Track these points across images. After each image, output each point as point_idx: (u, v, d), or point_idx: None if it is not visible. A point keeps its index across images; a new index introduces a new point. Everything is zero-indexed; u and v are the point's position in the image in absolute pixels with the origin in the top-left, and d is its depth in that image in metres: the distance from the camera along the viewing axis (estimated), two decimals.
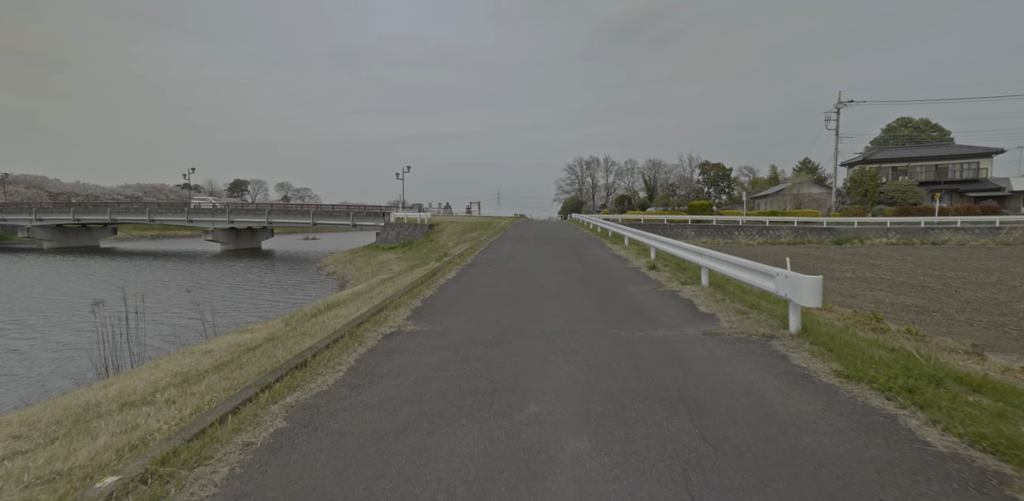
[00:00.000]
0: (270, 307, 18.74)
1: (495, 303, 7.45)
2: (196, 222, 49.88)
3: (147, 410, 3.66)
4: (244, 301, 20.38)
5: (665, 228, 39.60)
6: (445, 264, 11.92)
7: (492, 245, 17.96)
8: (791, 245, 36.38)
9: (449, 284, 9.40)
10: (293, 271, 32.78)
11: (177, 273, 30.74)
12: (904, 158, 54.09)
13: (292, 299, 20.74)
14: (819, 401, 3.52)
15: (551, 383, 4.00)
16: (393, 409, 3.53)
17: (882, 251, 29.72)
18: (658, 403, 3.54)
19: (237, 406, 3.41)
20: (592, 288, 8.67)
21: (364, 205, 52.88)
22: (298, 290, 23.68)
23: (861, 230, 36.76)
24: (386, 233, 35.75)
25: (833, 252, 29.53)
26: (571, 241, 19.50)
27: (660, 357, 4.65)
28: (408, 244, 30.50)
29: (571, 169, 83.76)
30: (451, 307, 7.23)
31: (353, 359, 4.74)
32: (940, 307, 11.51)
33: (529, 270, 11.16)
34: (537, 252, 15.19)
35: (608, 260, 12.97)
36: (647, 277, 9.91)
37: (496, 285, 9.13)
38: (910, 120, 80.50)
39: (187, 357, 6.06)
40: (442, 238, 27.61)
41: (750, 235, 38.70)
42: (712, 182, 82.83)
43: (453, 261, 12.62)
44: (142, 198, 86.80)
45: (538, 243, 18.64)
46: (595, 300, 7.56)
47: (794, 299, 5.06)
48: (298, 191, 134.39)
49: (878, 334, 8.19)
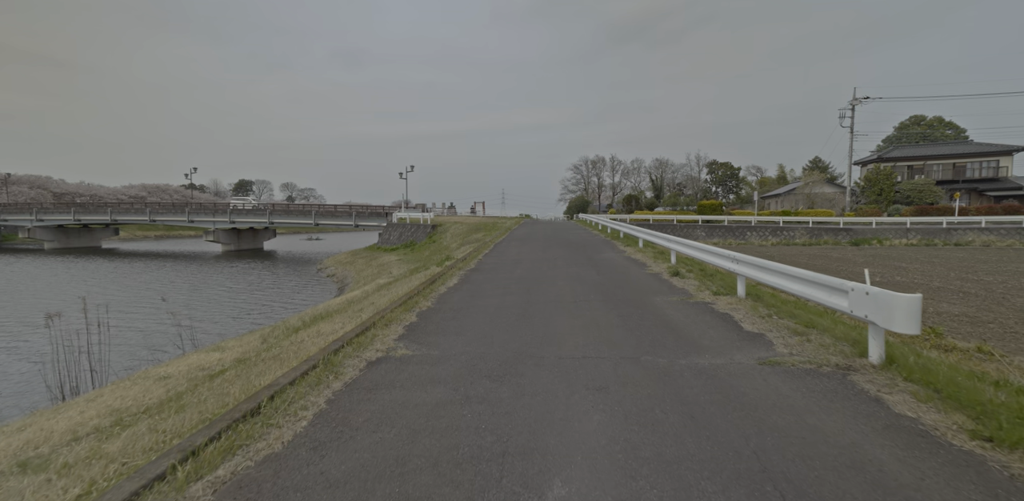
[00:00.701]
0: (261, 313, 17.82)
1: (502, 318, 6.44)
2: (197, 222, 49.12)
3: (25, 485, 2.67)
4: (238, 305, 19.47)
5: (675, 228, 38.48)
6: (447, 269, 10.93)
7: (497, 247, 16.95)
8: (806, 246, 35.16)
9: (450, 293, 8.40)
10: (293, 273, 31.90)
11: (174, 274, 29.92)
12: (920, 156, 52.64)
13: (288, 304, 19.81)
14: (968, 483, 2.48)
15: (579, 442, 2.99)
16: (364, 488, 2.53)
17: (904, 253, 28.48)
18: (735, 482, 2.51)
19: (141, 488, 2.41)
20: (612, 299, 7.65)
21: (367, 205, 52.02)
22: (296, 293, 22.76)
23: (879, 231, 35.48)
24: (388, 234, 34.76)
25: (852, 254, 28.33)
26: (581, 243, 18.47)
27: (715, 399, 3.62)
28: (410, 245, 29.53)
29: (577, 169, 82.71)
30: (451, 323, 6.23)
31: (324, 400, 3.74)
32: (994, 317, 10.39)
33: (539, 276, 10.15)
34: (546, 255, 14.17)
35: (624, 265, 11.92)
36: (672, 285, 8.87)
37: (503, 295, 8.12)
38: (923, 118, 79.03)
39: (137, 385, 5.10)
40: (445, 239, 26.61)
41: (763, 236, 37.50)
42: (720, 181, 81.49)
43: (455, 266, 11.63)
44: (146, 198, 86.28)
45: (546, 245, 17.63)
46: (618, 315, 6.53)
47: (880, 322, 4.02)
48: (303, 191, 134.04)
49: (945, 353, 7.13)
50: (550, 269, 11.20)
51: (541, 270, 11.04)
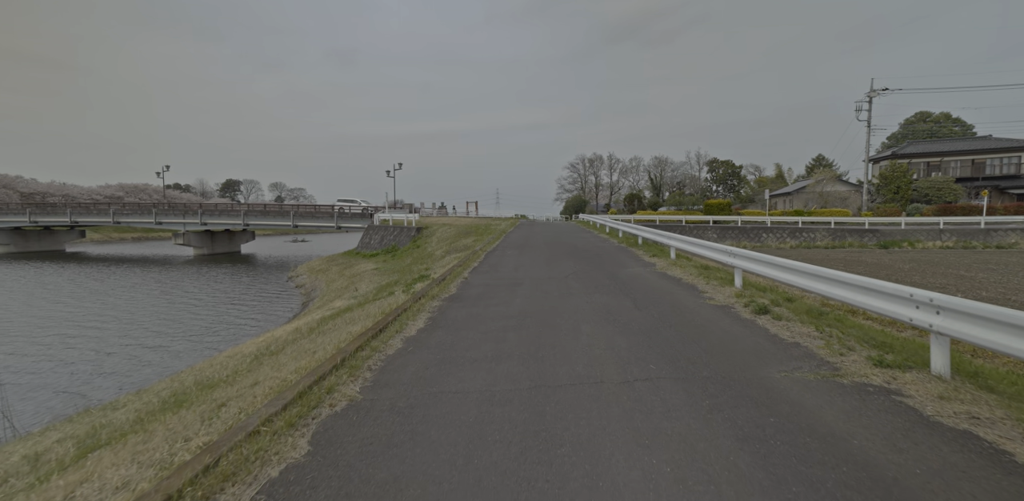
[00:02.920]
0: (201, 338, 14.36)
1: (493, 432, 3.08)
2: (166, 224, 45.37)
3: None
4: (177, 325, 15.97)
5: (684, 229, 35.34)
6: (413, 299, 7.52)
7: (489, 258, 13.57)
8: (829, 249, 32.03)
9: (404, 356, 5.03)
10: (261, 281, 28.38)
11: (121, 283, 26.28)
12: (937, 152, 49.86)
13: (233, 325, 16.35)
14: None
15: None
16: None
17: (947, 257, 25.39)
18: None
19: None
20: (689, 372, 4.28)
21: (349, 205, 48.44)
22: (253, 310, 19.28)
23: (908, 232, 32.42)
24: (369, 237, 31.19)
25: (888, 258, 25.19)
26: (592, 250, 15.12)
27: None
28: (392, 250, 26.06)
29: (573, 167, 79.57)
30: (384, 456, 2.86)
31: None
32: None
33: (549, 313, 6.78)
34: (552, 272, 10.78)
35: (666, 288, 8.56)
36: (769, 334, 5.50)
37: (492, 362, 4.74)
38: (929, 114, 76.75)
39: None
40: (431, 245, 23.18)
41: (780, 237, 34.39)
42: (721, 180, 78.63)
43: (427, 292, 8.23)
44: (123, 198, 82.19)
45: (550, 254, 14.24)
46: (738, 436, 3.16)
47: None
48: (292, 191, 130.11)
49: None
50: (563, 297, 7.83)
51: (550, 299, 7.67)
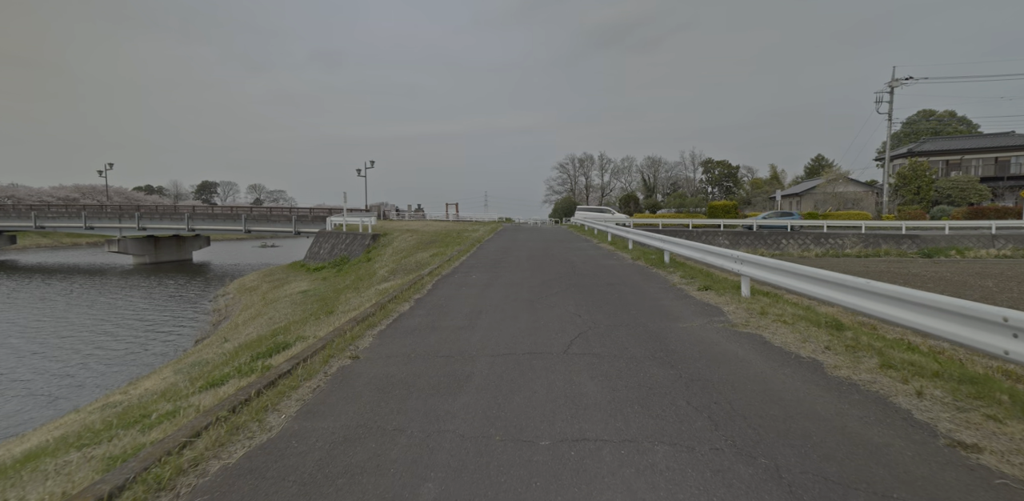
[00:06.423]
0: (54, 388, 9.20)
1: None
2: (98, 229, 39.69)
3: None
4: (39, 368, 10.69)
5: (690, 234, 30.71)
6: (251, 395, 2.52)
7: (440, 287, 8.58)
8: (863, 257, 27.55)
9: None
10: (185, 299, 23.12)
11: (24, 300, 20.79)
12: (957, 150, 45.99)
13: (102, 369, 11.14)
14: None
15: None
16: None
17: (1012, 267, 21.01)
18: None
19: None
20: None
21: (310, 208, 43.11)
22: (143, 344, 14.04)
23: (954, 237, 28.03)
24: (319, 246, 25.95)
25: (947, 270, 20.70)
26: (600, 274, 10.13)
27: None
28: (340, 263, 20.94)
29: (563, 167, 74.94)
30: None
31: None
32: None
33: None
34: (538, 326, 5.78)
35: (804, 395, 3.64)
36: None
37: None
38: (933, 112, 73.35)
39: None
40: (384, 257, 18.12)
41: (803, 244, 29.85)
42: (716, 181, 74.53)
43: (283, 384, 3.23)
44: (79, 200, 76.10)
45: (536, 283, 9.16)
46: None
47: None
48: (272, 193, 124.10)
49: None
50: (570, 469, 2.89)
51: (535, 476, 2.74)
